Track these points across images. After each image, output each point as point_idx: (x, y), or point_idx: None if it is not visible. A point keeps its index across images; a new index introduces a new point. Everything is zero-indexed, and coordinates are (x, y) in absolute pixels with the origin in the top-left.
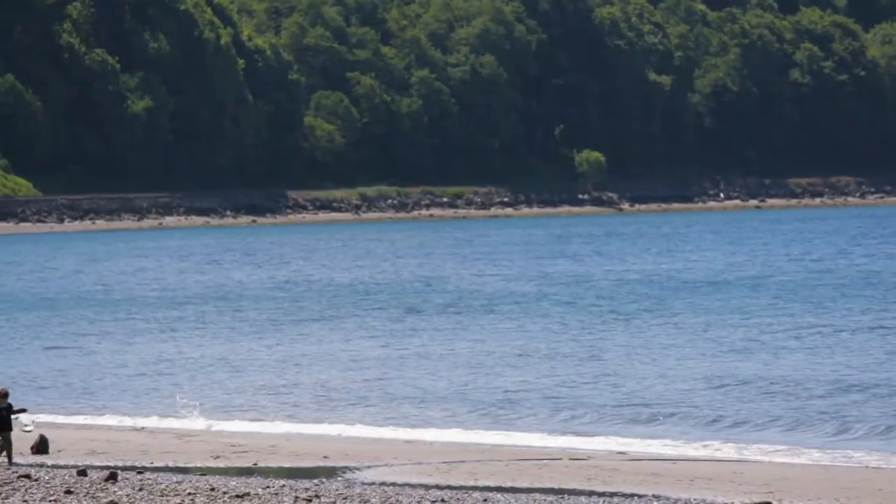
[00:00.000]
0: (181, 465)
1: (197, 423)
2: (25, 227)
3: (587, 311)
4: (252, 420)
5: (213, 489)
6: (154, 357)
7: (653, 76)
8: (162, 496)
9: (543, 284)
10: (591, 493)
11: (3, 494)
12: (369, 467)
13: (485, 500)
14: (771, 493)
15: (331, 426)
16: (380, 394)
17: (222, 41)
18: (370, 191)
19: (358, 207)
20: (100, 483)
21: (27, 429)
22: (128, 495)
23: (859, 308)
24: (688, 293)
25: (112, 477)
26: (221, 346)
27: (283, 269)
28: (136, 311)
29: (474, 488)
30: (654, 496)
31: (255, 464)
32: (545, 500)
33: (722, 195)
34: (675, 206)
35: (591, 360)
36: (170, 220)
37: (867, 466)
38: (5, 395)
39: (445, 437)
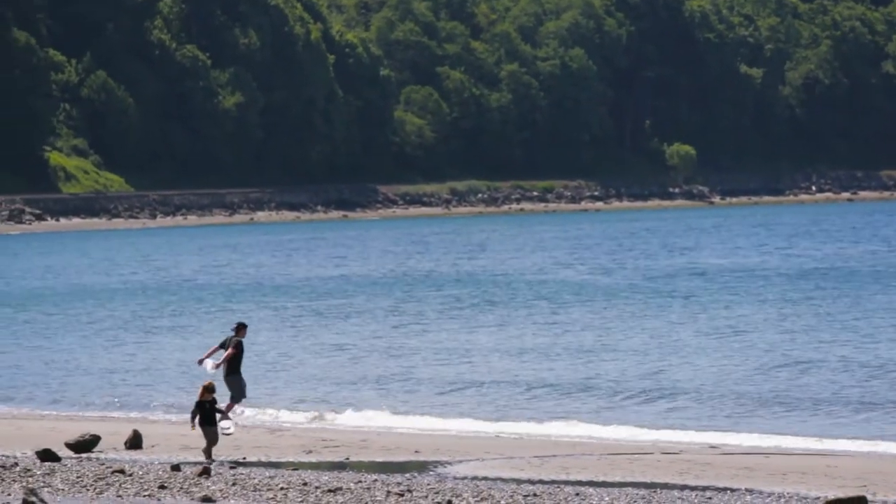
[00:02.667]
0: (273, 459)
1: (293, 416)
2: (117, 222)
3: (696, 303)
4: (349, 412)
5: (305, 484)
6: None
7: (743, 69)
8: (255, 491)
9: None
10: (683, 487)
11: (98, 489)
12: (461, 462)
13: (577, 495)
14: (865, 486)
15: (422, 419)
16: (471, 387)
17: (312, 36)
18: (460, 185)
19: (448, 202)
20: (193, 478)
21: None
22: (221, 490)
23: None
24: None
25: (205, 472)
26: (310, 338)
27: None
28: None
29: (566, 482)
30: (746, 490)
31: (347, 458)
32: (637, 494)
33: (814, 188)
34: (766, 199)
35: (684, 353)
36: (261, 216)
37: None
38: (211, 388)
39: (537, 431)
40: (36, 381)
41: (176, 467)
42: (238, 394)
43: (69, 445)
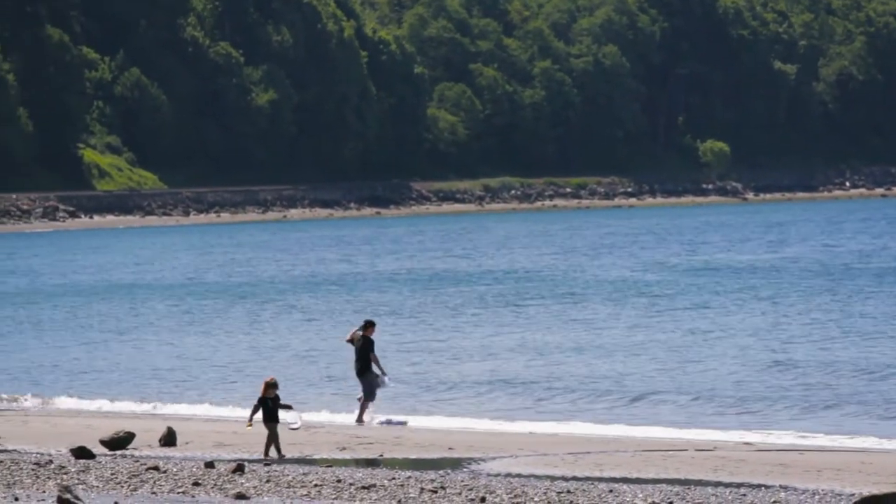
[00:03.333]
0: (307, 456)
1: (321, 415)
2: (151, 220)
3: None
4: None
5: (339, 480)
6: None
7: (777, 65)
8: (289, 487)
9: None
10: (717, 484)
11: (133, 486)
12: (494, 458)
13: (611, 491)
14: None
15: (455, 418)
16: (504, 384)
17: (346, 34)
18: (493, 182)
19: (481, 199)
20: (227, 475)
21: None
22: (255, 487)
23: None
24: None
25: (239, 469)
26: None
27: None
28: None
29: (600, 479)
30: (781, 487)
31: (381, 455)
32: (671, 490)
33: (847, 184)
34: (800, 195)
35: (718, 349)
36: (294, 213)
37: None
38: (274, 385)
39: (570, 428)
40: (70, 378)
41: (210, 464)
42: (368, 392)
43: (104, 443)
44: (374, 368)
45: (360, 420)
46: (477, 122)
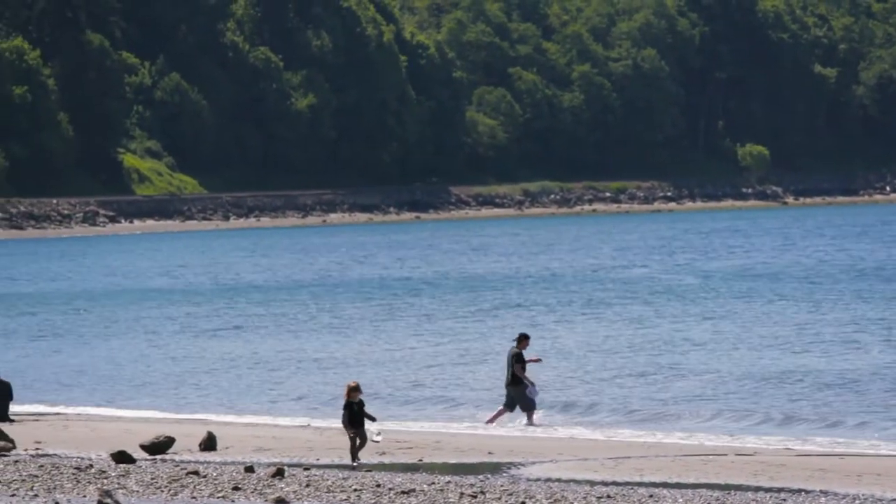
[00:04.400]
0: (347, 461)
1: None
2: (191, 224)
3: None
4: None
5: (378, 485)
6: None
7: (817, 69)
8: (328, 492)
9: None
10: (757, 489)
11: (172, 491)
12: (534, 463)
13: (651, 496)
14: None
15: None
16: (545, 388)
17: (385, 38)
18: (532, 186)
19: (521, 203)
20: (267, 479)
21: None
22: (294, 491)
23: None
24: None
25: (279, 473)
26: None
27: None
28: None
29: (640, 484)
30: (821, 492)
31: (420, 460)
32: (711, 496)
33: (888, 188)
34: (840, 199)
35: (759, 352)
36: (333, 217)
37: None
38: (357, 388)
39: (611, 433)
40: (110, 383)
41: (250, 469)
42: (524, 404)
43: (144, 447)
44: (525, 381)
45: (491, 421)
46: (516, 127)
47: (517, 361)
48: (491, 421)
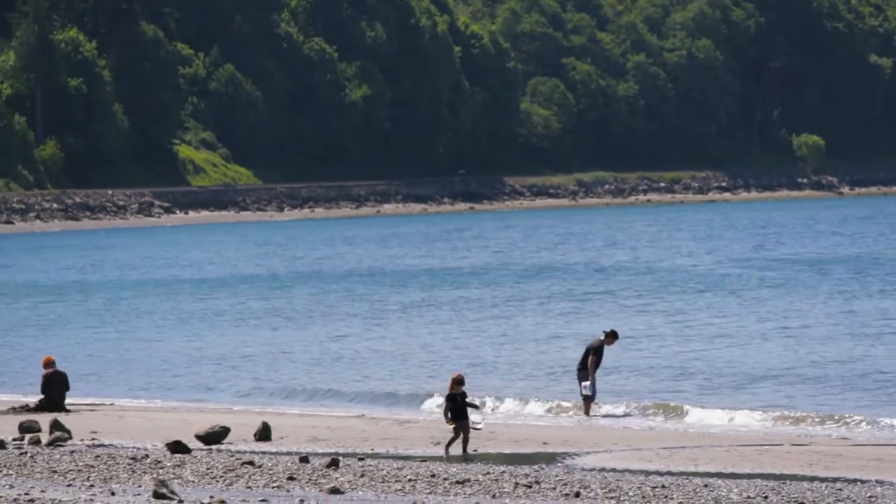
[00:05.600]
0: (401, 451)
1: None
2: (245, 215)
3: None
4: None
5: (433, 475)
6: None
7: (873, 58)
8: (383, 482)
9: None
10: (812, 479)
11: (228, 481)
12: (588, 453)
13: (706, 486)
14: None
15: (549, 413)
16: (599, 377)
17: (439, 28)
18: (587, 176)
19: (575, 193)
20: (322, 469)
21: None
22: (349, 481)
23: None
24: None
25: (334, 463)
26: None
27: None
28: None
29: (695, 474)
30: (877, 482)
31: (475, 450)
32: (766, 485)
33: None
34: None
35: (815, 342)
36: (388, 208)
37: None
38: (460, 381)
39: (666, 422)
40: (166, 373)
41: (304, 459)
42: (582, 394)
43: (199, 437)
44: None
45: (586, 413)
46: (570, 117)
47: (594, 353)
48: (586, 413)
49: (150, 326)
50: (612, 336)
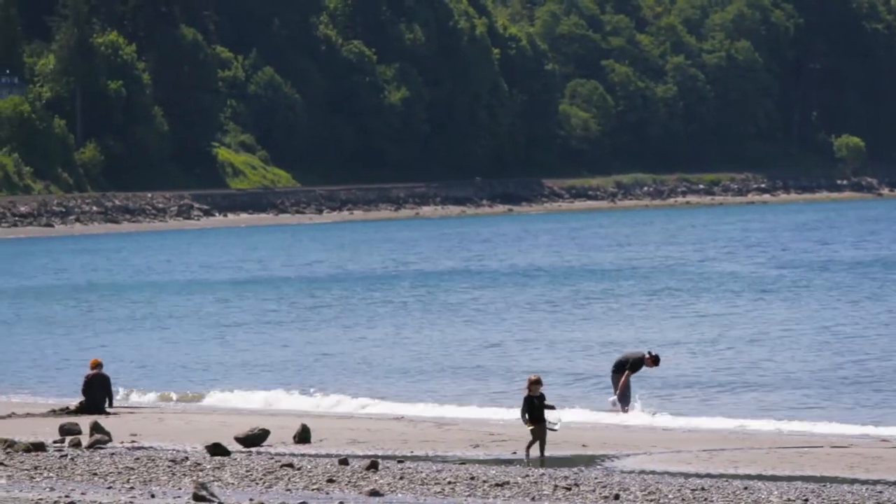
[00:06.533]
0: (440, 453)
1: (459, 410)
2: (284, 217)
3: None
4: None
5: (472, 478)
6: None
7: None
8: (422, 485)
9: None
10: (853, 482)
11: (267, 483)
12: (628, 455)
13: (745, 489)
14: None
15: (588, 412)
16: (638, 380)
17: (477, 31)
18: (625, 178)
19: (613, 195)
20: (361, 472)
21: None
22: (389, 484)
23: None
24: None
25: (373, 466)
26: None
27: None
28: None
29: (735, 476)
30: None
31: (514, 453)
32: (807, 488)
33: None
34: None
35: (857, 345)
36: (426, 210)
37: None
38: (538, 382)
39: (705, 424)
40: (205, 376)
41: (344, 461)
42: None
43: (238, 439)
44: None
45: (625, 411)
46: (609, 119)
47: (631, 368)
48: (625, 411)
49: (187, 330)
50: (653, 361)
